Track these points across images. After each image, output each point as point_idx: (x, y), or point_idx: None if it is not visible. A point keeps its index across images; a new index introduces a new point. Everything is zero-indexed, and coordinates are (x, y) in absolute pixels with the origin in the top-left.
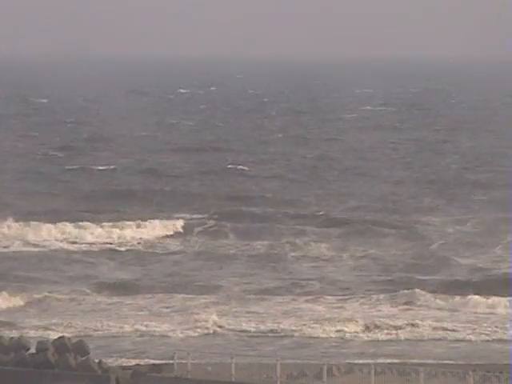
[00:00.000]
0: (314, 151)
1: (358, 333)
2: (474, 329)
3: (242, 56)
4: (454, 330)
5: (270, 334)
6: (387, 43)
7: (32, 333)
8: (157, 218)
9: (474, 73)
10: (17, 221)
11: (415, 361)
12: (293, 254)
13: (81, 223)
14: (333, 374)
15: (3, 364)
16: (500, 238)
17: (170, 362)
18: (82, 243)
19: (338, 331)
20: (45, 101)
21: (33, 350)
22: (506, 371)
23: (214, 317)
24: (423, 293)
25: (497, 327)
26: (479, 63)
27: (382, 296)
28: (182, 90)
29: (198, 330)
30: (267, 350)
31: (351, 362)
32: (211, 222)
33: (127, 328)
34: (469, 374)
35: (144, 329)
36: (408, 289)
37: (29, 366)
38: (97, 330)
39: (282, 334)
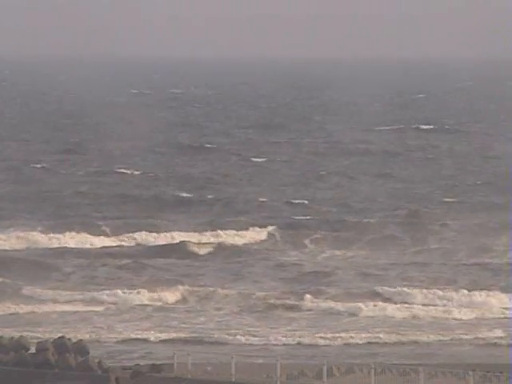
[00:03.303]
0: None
1: None
2: None
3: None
4: None
5: None
6: (386, 44)
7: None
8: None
9: (475, 74)
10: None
11: (415, 361)
12: None
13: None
14: (333, 374)
15: (3, 364)
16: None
17: (170, 362)
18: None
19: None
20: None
21: (33, 350)
22: (506, 371)
23: None
24: None
25: None
26: (480, 64)
27: None
28: (175, 90)
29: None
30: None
31: (351, 362)
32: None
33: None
34: (469, 374)
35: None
36: None
37: (29, 366)
38: None
39: None
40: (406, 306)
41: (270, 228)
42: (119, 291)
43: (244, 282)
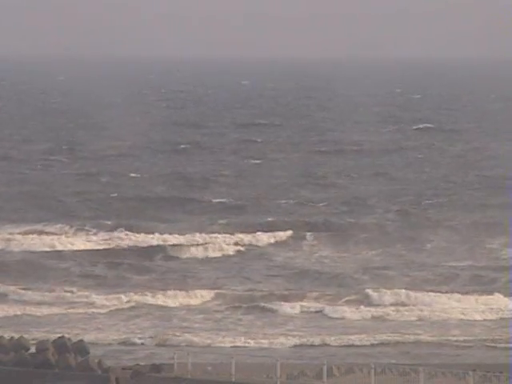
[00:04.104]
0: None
1: None
2: None
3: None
4: None
5: None
6: (385, 43)
7: None
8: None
9: (476, 73)
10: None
11: (415, 361)
12: None
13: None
14: (333, 374)
15: (3, 364)
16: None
17: (170, 362)
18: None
19: None
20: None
21: (33, 350)
22: (506, 371)
23: None
24: None
25: None
26: (480, 63)
27: None
28: (174, 89)
29: None
30: None
31: (351, 362)
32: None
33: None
34: (469, 374)
35: None
36: None
37: (29, 365)
38: None
39: None
40: (405, 306)
41: (268, 227)
42: (118, 291)
43: (242, 281)
